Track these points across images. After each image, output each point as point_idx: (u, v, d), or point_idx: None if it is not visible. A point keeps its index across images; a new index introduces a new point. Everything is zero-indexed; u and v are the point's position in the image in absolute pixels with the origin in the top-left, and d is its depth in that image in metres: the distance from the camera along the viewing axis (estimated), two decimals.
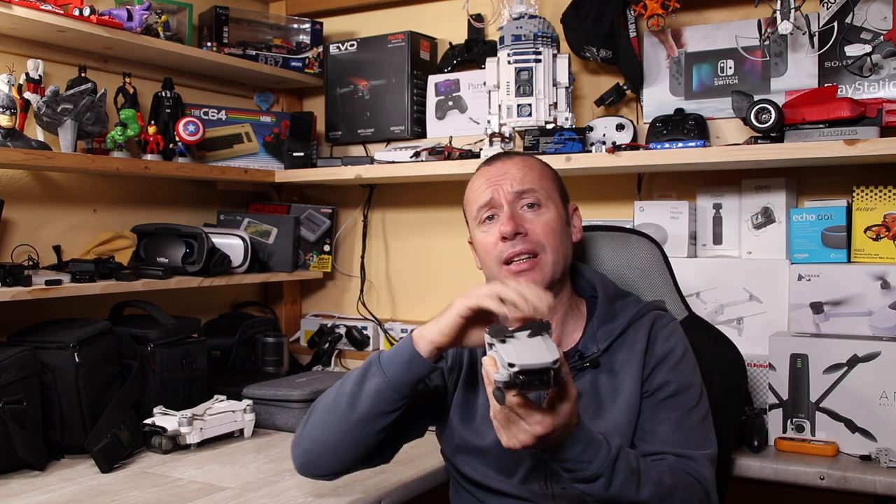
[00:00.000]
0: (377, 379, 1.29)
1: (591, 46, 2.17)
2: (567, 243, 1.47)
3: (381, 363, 1.30)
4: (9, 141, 1.88)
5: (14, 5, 1.86)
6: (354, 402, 1.31)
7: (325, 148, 2.73)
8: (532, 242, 1.41)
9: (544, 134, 2.14)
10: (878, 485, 1.57)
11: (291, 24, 2.66)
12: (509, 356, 1.06)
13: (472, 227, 1.51)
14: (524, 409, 1.12)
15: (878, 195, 1.88)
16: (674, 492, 1.27)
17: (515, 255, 1.41)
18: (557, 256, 1.43)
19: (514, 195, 1.44)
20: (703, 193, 2.14)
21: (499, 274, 1.44)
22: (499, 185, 1.45)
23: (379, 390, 1.29)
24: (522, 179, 1.45)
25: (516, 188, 1.44)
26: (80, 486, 1.62)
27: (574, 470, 1.20)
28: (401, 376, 1.28)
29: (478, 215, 1.47)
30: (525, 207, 1.44)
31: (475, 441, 1.44)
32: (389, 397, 1.29)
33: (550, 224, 1.44)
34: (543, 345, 1.08)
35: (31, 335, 1.84)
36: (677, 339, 1.44)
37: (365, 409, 1.30)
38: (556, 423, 1.13)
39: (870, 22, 1.92)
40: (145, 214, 2.41)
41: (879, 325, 1.80)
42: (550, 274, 1.42)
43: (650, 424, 1.38)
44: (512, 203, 1.44)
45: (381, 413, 1.30)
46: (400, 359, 1.28)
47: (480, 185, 1.48)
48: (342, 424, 1.32)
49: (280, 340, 2.44)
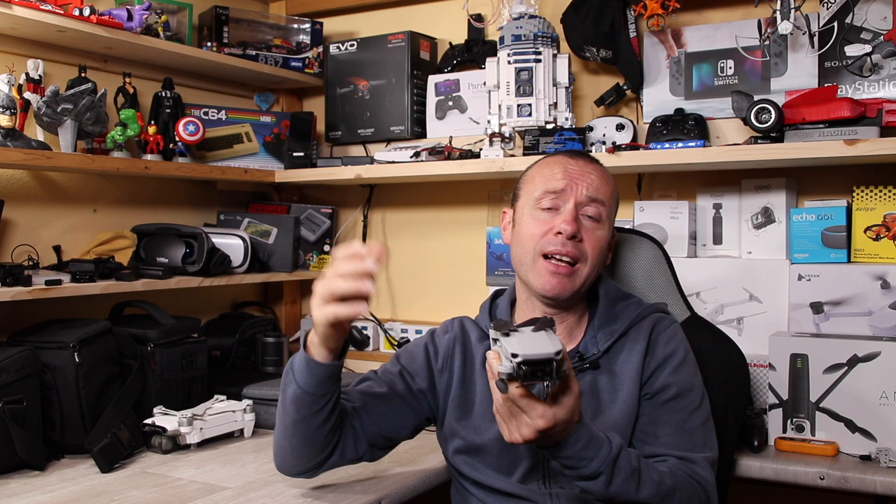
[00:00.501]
0: (292, 386, 1.35)
1: (591, 46, 2.17)
2: (602, 264, 1.47)
3: (293, 371, 1.35)
4: (9, 141, 1.88)
5: (14, 5, 1.86)
6: (285, 409, 1.38)
7: (325, 148, 2.73)
8: (580, 250, 1.41)
9: (544, 134, 2.14)
10: (878, 485, 1.57)
11: (291, 24, 2.66)
12: (513, 347, 1.07)
13: (524, 204, 1.47)
14: (527, 402, 1.13)
15: (878, 195, 1.88)
16: (674, 492, 1.27)
17: (559, 254, 1.40)
18: (592, 272, 1.43)
19: (586, 199, 1.43)
20: (703, 193, 2.14)
21: (531, 262, 1.43)
22: (577, 182, 1.43)
23: (296, 396, 1.35)
24: (599, 189, 1.44)
25: (591, 194, 1.43)
26: (80, 486, 1.62)
27: (575, 467, 1.20)
28: (307, 381, 1.33)
29: (540, 197, 1.44)
30: (586, 217, 1.43)
31: (473, 438, 1.44)
32: (307, 400, 1.34)
33: (601, 242, 1.44)
34: (546, 338, 1.10)
35: (31, 335, 1.84)
36: (678, 341, 1.44)
37: (293, 413, 1.36)
38: (559, 417, 1.13)
39: (870, 22, 1.92)
40: (145, 214, 2.41)
41: (879, 325, 1.80)
42: (580, 285, 1.42)
43: (651, 427, 1.38)
44: (580, 206, 1.42)
45: (310, 414, 1.35)
46: (301, 364, 1.33)
47: (557, 171, 1.45)
48: (287, 429, 1.39)
49: (280, 340, 2.44)
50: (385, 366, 1.55)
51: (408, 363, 1.53)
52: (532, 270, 1.43)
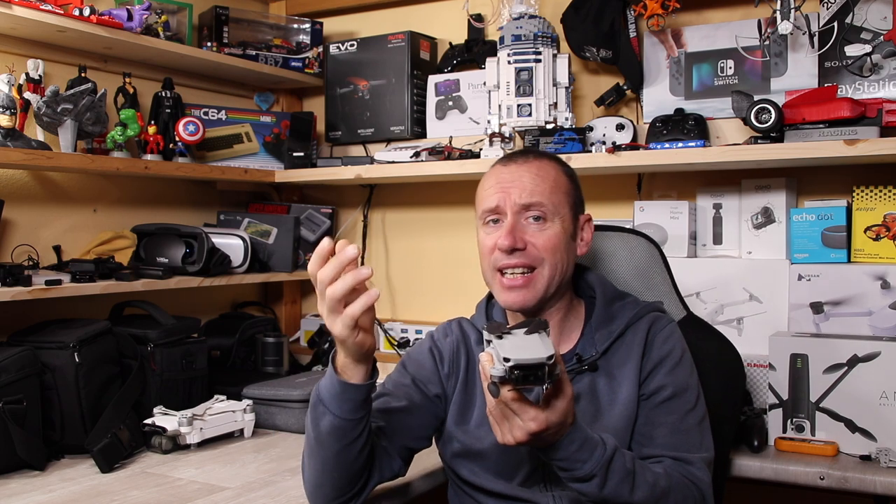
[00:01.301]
0: (328, 417, 1.29)
1: (591, 46, 2.17)
2: (568, 258, 1.43)
3: (324, 401, 1.29)
4: (9, 141, 1.88)
5: (14, 5, 1.86)
6: (321, 443, 1.32)
7: (325, 148, 2.73)
8: (530, 257, 1.38)
9: (544, 134, 2.14)
10: (878, 485, 1.57)
11: (291, 24, 2.66)
12: (505, 351, 1.07)
13: (478, 223, 1.48)
14: (519, 405, 1.12)
15: (878, 195, 1.88)
16: (668, 494, 1.27)
17: (510, 267, 1.39)
18: (554, 272, 1.40)
19: (519, 207, 1.40)
20: (703, 193, 2.14)
21: (491, 278, 1.43)
22: (507, 193, 1.40)
23: (334, 427, 1.29)
24: (532, 191, 1.40)
25: (524, 200, 1.40)
26: (80, 486, 1.62)
27: (569, 469, 1.20)
28: (342, 407, 1.28)
29: (482, 216, 1.44)
30: (530, 219, 1.40)
31: (473, 445, 1.44)
32: (346, 428, 1.29)
33: (552, 240, 1.40)
34: (539, 341, 1.10)
35: (31, 335, 1.84)
36: (675, 341, 1.44)
37: (331, 445, 1.31)
38: (551, 420, 1.13)
39: (870, 22, 1.92)
40: (145, 214, 2.41)
41: (879, 325, 1.80)
42: (543, 290, 1.40)
43: (647, 428, 1.38)
44: (516, 214, 1.40)
45: (349, 443, 1.31)
46: (334, 392, 1.28)
47: (490, 186, 1.44)
48: (323, 464, 1.33)
49: (280, 340, 2.44)
50: (393, 377, 1.52)
51: (417, 371, 1.51)
52: (494, 286, 1.43)
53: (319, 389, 1.30)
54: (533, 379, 1.08)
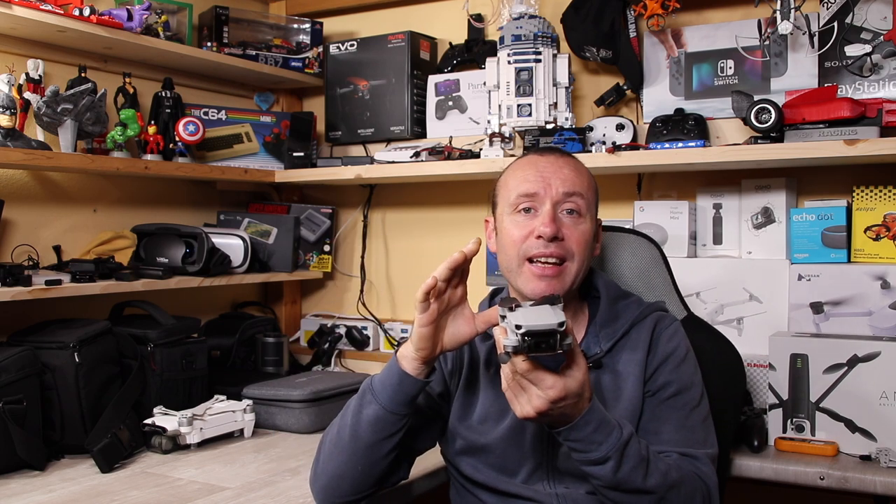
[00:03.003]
0: (373, 406, 1.31)
1: (591, 46, 2.17)
2: (590, 257, 1.44)
3: (374, 390, 1.32)
4: (9, 141, 1.88)
5: (14, 5, 1.86)
6: (357, 432, 1.33)
7: (325, 148, 2.73)
8: (565, 249, 1.38)
9: (544, 134, 2.14)
10: (878, 485, 1.57)
11: (291, 24, 2.66)
12: (517, 320, 1.10)
13: (503, 210, 1.45)
14: (536, 374, 1.14)
15: (878, 195, 1.88)
16: (680, 485, 1.27)
17: (545, 256, 1.38)
18: (581, 267, 1.40)
19: (561, 196, 1.39)
20: (703, 193, 2.14)
21: (517, 267, 1.40)
22: (549, 180, 1.39)
23: (377, 417, 1.31)
24: (574, 182, 1.40)
25: (566, 188, 1.39)
26: (80, 486, 1.62)
27: (584, 451, 1.20)
28: (394, 398, 1.30)
29: (515, 202, 1.41)
30: (566, 212, 1.40)
31: (476, 440, 1.43)
32: (388, 420, 1.31)
33: (585, 235, 1.40)
34: (550, 311, 1.12)
35: (31, 335, 1.84)
36: (679, 339, 1.44)
37: (368, 436, 1.32)
38: (569, 387, 1.14)
39: (870, 22, 1.92)
40: (145, 214, 2.41)
41: (879, 325, 1.80)
42: (571, 283, 1.40)
43: (653, 424, 1.38)
44: (556, 204, 1.39)
45: (385, 437, 1.32)
46: (390, 382, 1.30)
47: (529, 173, 1.42)
48: (351, 455, 1.34)
49: (280, 340, 2.44)
50: None
51: None
52: (520, 276, 1.41)
53: (373, 379, 1.33)
54: (545, 346, 1.10)
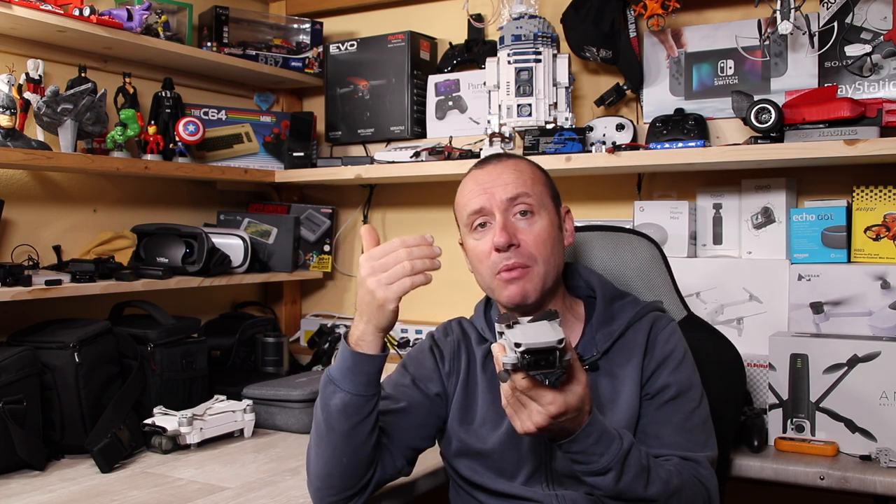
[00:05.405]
0: (339, 394, 1.32)
1: (591, 46, 2.17)
2: (559, 250, 1.44)
3: (335, 379, 1.33)
4: (9, 141, 1.88)
5: (14, 5, 1.86)
6: (330, 424, 1.34)
7: (325, 148, 2.73)
8: (524, 255, 1.38)
9: (544, 134, 2.14)
10: (878, 485, 1.57)
11: (291, 24, 2.66)
12: (516, 337, 1.09)
13: (464, 232, 1.48)
14: (535, 391, 1.13)
15: (878, 195, 1.88)
16: (681, 492, 1.27)
17: (508, 268, 1.38)
18: (549, 266, 1.40)
19: (506, 202, 1.40)
20: (703, 193, 2.14)
21: (492, 283, 1.42)
22: (491, 191, 1.41)
23: (345, 404, 1.32)
24: (515, 184, 1.41)
25: (509, 194, 1.40)
26: (80, 486, 1.62)
27: (585, 462, 1.20)
28: (356, 381, 1.31)
29: (469, 221, 1.44)
30: (518, 215, 1.40)
31: (475, 444, 1.44)
32: (357, 404, 1.32)
33: (542, 234, 1.40)
34: (549, 327, 1.12)
35: (31, 335, 1.84)
36: (676, 340, 1.44)
37: (341, 424, 1.33)
38: (569, 403, 1.14)
39: (870, 22, 1.92)
40: (145, 214, 2.41)
41: (879, 325, 1.80)
42: (541, 284, 1.40)
43: (653, 427, 1.38)
44: (505, 211, 1.40)
45: (359, 421, 1.33)
46: (346, 367, 1.31)
47: (472, 189, 1.44)
48: (332, 449, 1.35)
49: (280, 340, 2.44)
50: (392, 379, 1.52)
51: (417, 371, 1.51)
52: (496, 289, 1.42)
53: (330, 371, 1.34)
54: (544, 363, 1.09)
